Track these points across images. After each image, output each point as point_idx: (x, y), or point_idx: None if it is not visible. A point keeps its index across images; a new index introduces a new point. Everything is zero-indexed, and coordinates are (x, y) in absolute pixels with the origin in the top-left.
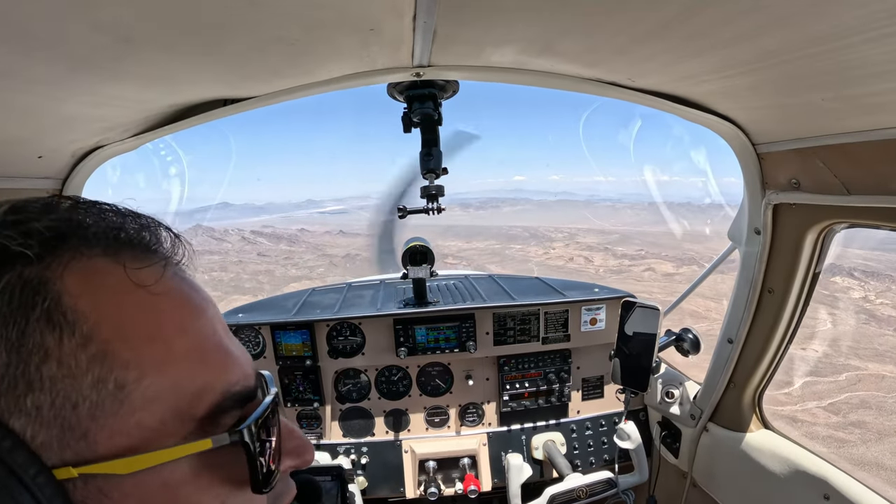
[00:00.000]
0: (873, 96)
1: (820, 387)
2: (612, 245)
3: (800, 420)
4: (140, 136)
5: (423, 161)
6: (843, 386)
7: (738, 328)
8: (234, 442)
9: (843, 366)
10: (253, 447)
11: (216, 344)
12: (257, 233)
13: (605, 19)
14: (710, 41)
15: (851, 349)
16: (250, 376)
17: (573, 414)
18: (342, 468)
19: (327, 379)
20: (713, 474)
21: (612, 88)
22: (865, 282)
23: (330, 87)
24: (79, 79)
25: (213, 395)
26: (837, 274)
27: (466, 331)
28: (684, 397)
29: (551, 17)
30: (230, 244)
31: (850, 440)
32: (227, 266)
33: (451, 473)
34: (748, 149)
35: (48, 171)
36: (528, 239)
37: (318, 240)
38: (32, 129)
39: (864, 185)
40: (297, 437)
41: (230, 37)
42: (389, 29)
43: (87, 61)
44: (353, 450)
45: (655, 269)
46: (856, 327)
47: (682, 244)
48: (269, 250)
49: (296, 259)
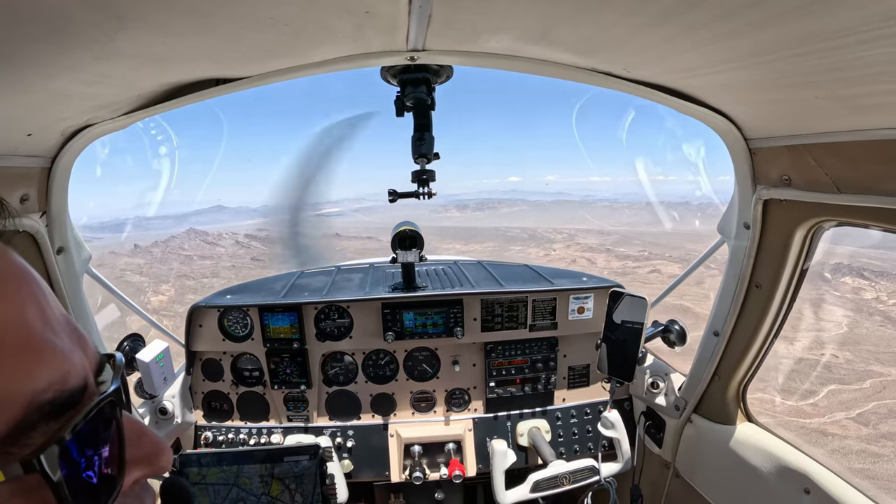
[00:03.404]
0: (866, 97)
1: (845, 395)
2: (614, 246)
3: (830, 433)
4: (131, 115)
5: (415, 145)
6: (869, 394)
7: (725, 321)
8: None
9: (866, 372)
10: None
11: (19, 337)
12: (251, 236)
13: (603, 9)
14: (706, 35)
15: (871, 354)
16: (78, 373)
17: (559, 402)
18: (319, 446)
19: (314, 362)
20: (696, 465)
21: (606, 78)
22: (876, 282)
23: (324, 69)
24: (69, 56)
25: (11, 410)
26: (847, 274)
27: (454, 316)
28: (669, 388)
29: (549, 6)
30: (223, 248)
31: (884, 454)
32: (220, 272)
33: (436, 458)
34: (740, 143)
35: (38, 148)
36: (528, 240)
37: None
38: (22, 107)
39: (854, 184)
40: (148, 440)
41: (224, 16)
42: (385, 12)
43: (78, 39)
44: (340, 433)
45: (661, 271)
46: (872, 330)
47: (683, 244)
48: (264, 254)
49: (290, 263)
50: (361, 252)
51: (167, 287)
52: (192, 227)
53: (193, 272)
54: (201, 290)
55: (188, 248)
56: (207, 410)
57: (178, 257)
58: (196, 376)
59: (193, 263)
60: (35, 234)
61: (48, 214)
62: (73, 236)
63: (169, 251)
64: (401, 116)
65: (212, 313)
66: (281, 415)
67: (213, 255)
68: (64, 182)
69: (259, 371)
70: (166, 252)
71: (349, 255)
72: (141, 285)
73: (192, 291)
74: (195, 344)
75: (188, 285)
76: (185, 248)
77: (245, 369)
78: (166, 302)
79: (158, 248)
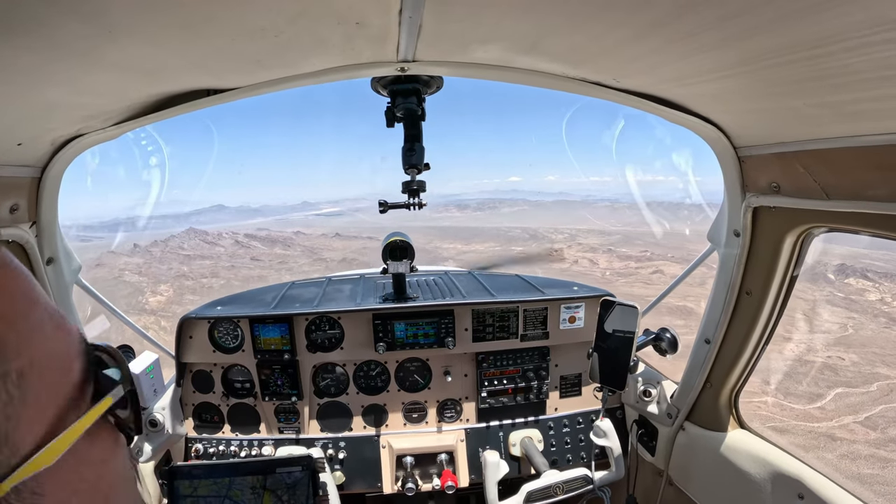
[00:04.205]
0: (854, 104)
1: (852, 399)
2: (615, 246)
3: (839, 438)
4: (121, 125)
5: (406, 156)
6: (876, 397)
7: (716, 329)
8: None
9: (873, 374)
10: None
11: (56, 312)
12: (251, 236)
13: (592, 20)
14: (694, 45)
15: (878, 356)
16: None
17: (551, 411)
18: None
19: (305, 373)
20: (689, 473)
21: (596, 88)
22: (880, 283)
23: (314, 80)
24: (60, 67)
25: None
26: (851, 275)
27: (445, 326)
28: (661, 396)
29: (538, 17)
30: (223, 248)
31: (894, 459)
32: (219, 272)
33: (428, 469)
34: (729, 151)
35: (28, 158)
36: (529, 240)
37: (313, 242)
38: (12, 117)
39: (843, 190)
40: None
41: (213, 27)
42: (375, 23)
43: (69, 50)
44: (331, 444)
45: (664, 272)
46: (878, 332)
47: (685, 244)
48: (263, 254)
49: (290, 263)
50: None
51: (165, 287)
52: (191, 226)
53: (192, 272)
54: (200, 291)
55: (187, 247)
56: (198, 422)
57: (178, 257)
58: (186, 388)
59: (193, 263)
60: (24, 244)
61: (38, 224)
62: (63, 246)
63: (168, 251)
64: (391, 127)
65: (202, 324)
66: (272, 426)
67: (213, 255)
68: (54, 192)
69: (250, 382)
70: (165, 252)
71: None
72: (139, 285)
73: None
74: (185, 355)
75: (186, 285)
76: (185, 247)
77: (236, 381)
78: (164, 302)
79: (158, 247)
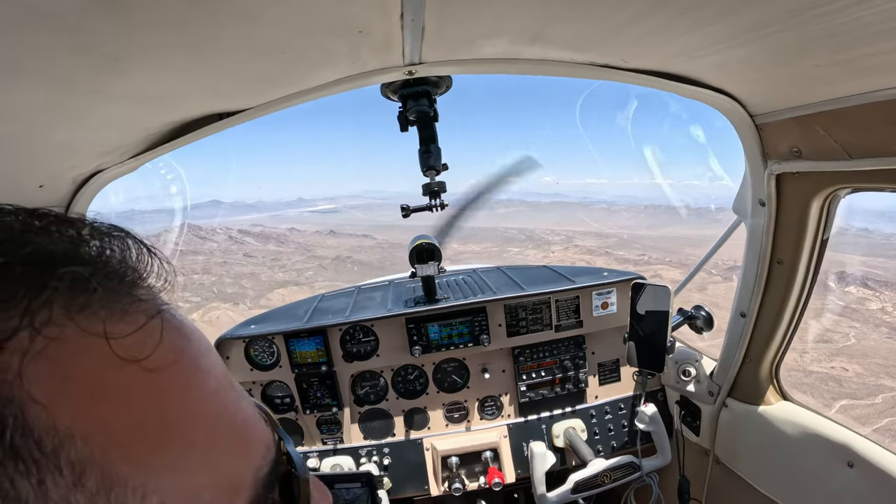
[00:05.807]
0: (866, 58)
1: (858, 411)
2: (613, 249)
3: None
4: (138, 157)
5: (423, 158)
6: (882, 409)
7: (750, 302)
8: None
9: (877, 386)
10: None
11: (233, 418)
12: (245, 232)
13: (593, 3)
14: (699, 16)
15: (881, 367)
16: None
17: (591, 399)
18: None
19: (344, 383)
20: (736, 450)
21: (605, 71)
22: (880, 292)
23: (324, 93)
24: (71, 103)
25: (246, 493)
26: (852, 284)
27: (479, 324)
28: (701, 374)
29: (539, 6)
30: (216, 244)
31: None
32: (211, 268)
33: (474, 468)
34: (746, 121)
35: (51, 199)
36: (525, 241)
37: (307, 240)
38: (31, 160)
39: (864, 148)
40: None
41: (219, 48)
42: (378, 29)
43: (79, 86)
44: (375, 451)
45: (663, 276)
46: (880, 342)
47: (682, 248)
48: (257, 251)
49: (283, 261)
50: (356, 249)
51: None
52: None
53: (184, 268)
54: (191, 289)
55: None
56: None
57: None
58: None
59: (184, 259)
60: None
61: None
62: None
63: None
64: (405, 131)
65: (237, 344)
66: (315, 439)
67: (205, 251)
68: None
69: (290, 397)
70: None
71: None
72: None
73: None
74: None
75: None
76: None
77: (276, 397)
78: None
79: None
